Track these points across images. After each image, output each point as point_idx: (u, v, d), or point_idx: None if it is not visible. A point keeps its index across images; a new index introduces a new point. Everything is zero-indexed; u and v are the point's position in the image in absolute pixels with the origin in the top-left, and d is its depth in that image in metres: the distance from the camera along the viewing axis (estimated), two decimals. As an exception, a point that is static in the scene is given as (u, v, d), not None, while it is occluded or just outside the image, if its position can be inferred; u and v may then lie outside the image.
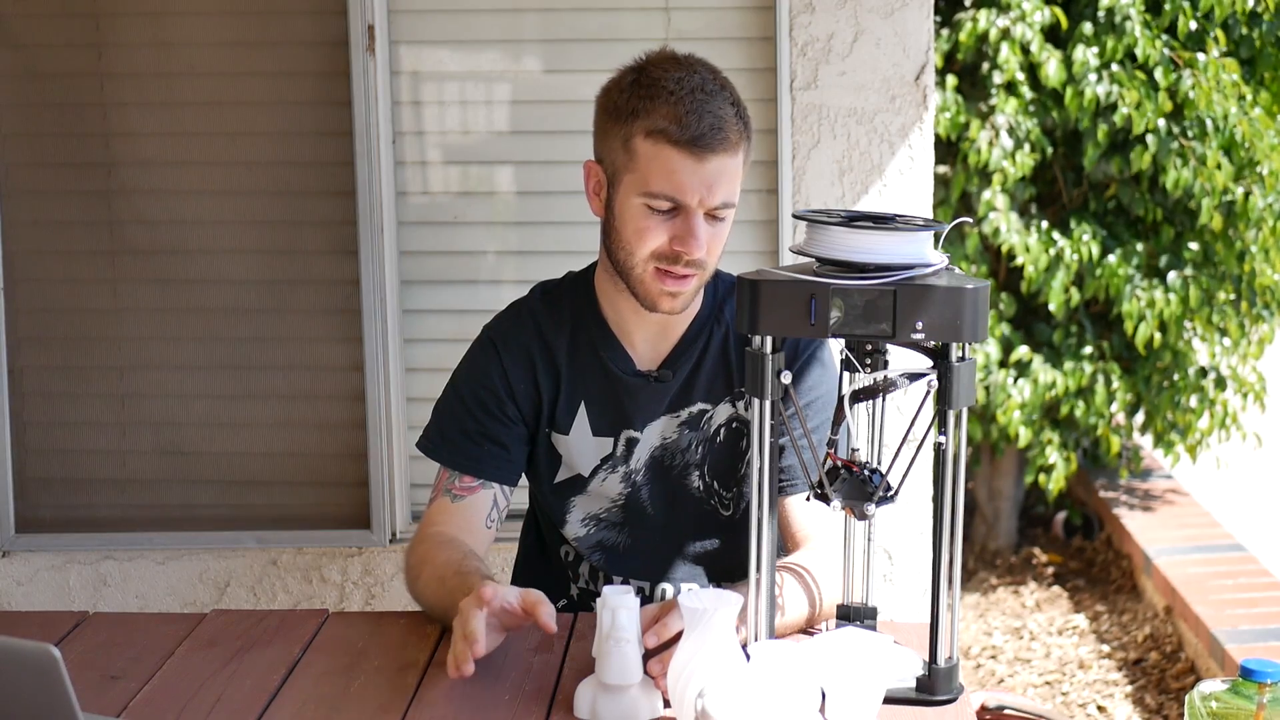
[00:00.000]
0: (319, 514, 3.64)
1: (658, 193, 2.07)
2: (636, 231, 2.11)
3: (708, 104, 2.06)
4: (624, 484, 2.27)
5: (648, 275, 2.13)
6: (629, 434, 2.25)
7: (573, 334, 2.26)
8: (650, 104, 2.07)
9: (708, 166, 2.06)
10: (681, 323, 2.25)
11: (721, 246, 2.15)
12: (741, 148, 2.10)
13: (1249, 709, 1.68)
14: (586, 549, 2.32)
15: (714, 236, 2.11)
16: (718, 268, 2.29)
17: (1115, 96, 4.27)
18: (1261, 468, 5.86)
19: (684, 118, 2.05)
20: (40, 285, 3.61)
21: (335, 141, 3.52)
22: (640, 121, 2.08)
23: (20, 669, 1.47)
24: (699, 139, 2.05)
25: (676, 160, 2.06)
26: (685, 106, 2.05)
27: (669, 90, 2.07)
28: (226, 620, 2.17)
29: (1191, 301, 4.43)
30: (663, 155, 2.06)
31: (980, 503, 5.15)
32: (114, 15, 3.53)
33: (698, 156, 2.05)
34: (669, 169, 2.06)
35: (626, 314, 2.23)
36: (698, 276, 2.14)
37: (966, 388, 1.82)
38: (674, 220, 2.09)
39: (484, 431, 2.24)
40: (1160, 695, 3.97)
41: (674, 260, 2.10)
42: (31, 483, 3.65)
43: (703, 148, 2.05)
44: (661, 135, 2.06)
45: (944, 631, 1.85)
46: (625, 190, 2.11)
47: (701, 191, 2.07)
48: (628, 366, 2.24)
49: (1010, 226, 4.36)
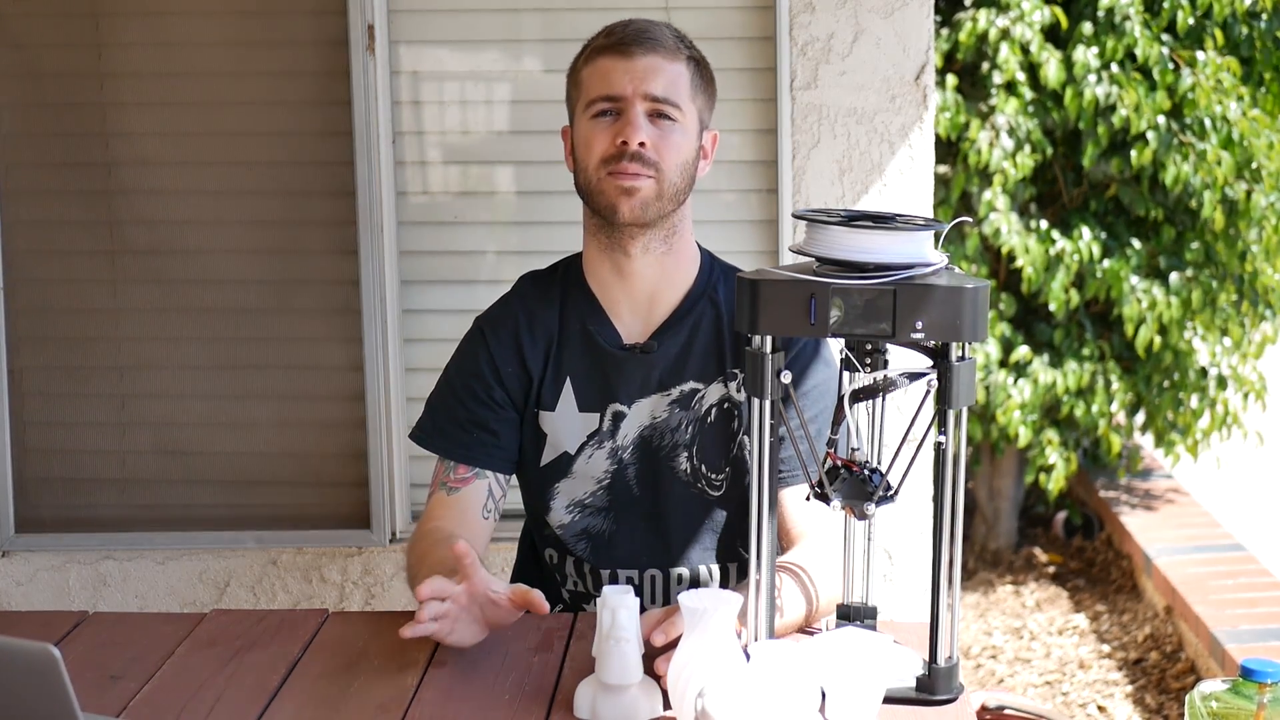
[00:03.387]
0: (319, 514, 3.64)
1: (596, 97, 2.20)
2: (586, 145, 2.22)
3: (639, 23, 2.23)
4: (610, 460, 2.28)
5: (603, 183, 2.21)
6: (615, 408, 2.27)
7: (562, 309, 2.30)
8: (593, 42, 2.25)
9: (637, 62, 2.19)
10: (670, 295, 2.28)
11: (678, 156, 2.22)
12: (681, 60, 2.22)
13: (1249, 709, 1.68)
14: (571, 538, 2.32)
15: (660, 137, 2.20)
16: (712, 253, 2.31)
17: (1115, 98, 4.27)
18: (1262, 467, 5.86)
19: (613, 30, 2.23)
20: (40, 285, 3.61)
21: (335, 141, 3.52)
22: (584, 56, 2.25)
23: (20, 669, 1.47)
24: (624, 40, 2.21)
25: (608, 64, 2.20)
26: (619, 26, 2.23)
27: (609, 29, 2.24)
28: (226, 620, 2.17)
29: (1193, 303, 4.42)
30: (598, 66, 2.21)
31: (980, 503, 5.15)
32: (114, 15, 3.53)
33: (625, 54, 2.19)
34: (603, 72, 2.20)
35: (612, 284, 2.27)
36: (652, 180, 2.20)
37: (966, 387, 1.82)
38: (617, 121, 2.19)
39: (473, 419, 2.28)
40: (1160, 695, 3.97)
41: (619, 157, 2.18)
42: (31, 483, 3.65)
43: (629, 44, 2.20)
44: (596, 51, 2.23)
45: (944, 631, 1.85)
46: (578, 120, 2.24)
47: (634, 82, 2.18)
48: (614, 340, 2.28)
49: (1010, 227, 4.36)
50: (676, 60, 2.21)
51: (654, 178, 2.19)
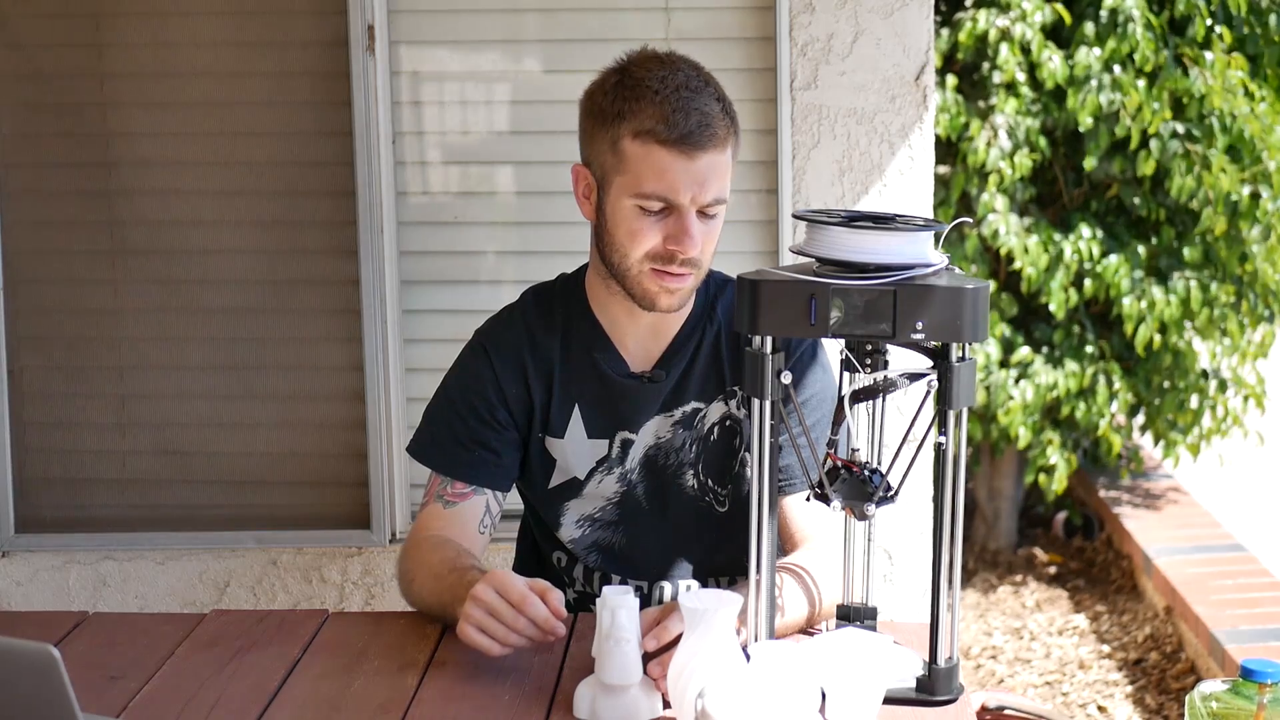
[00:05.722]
0: (319, 514, 3.64)
1: (650, 194, 2.07)
2: (630, 234, 2.10)
3: (693, 101, 2.06)
4: (619, 484, 2.27)
5: (644, 276, 2.12)
6: (624, 435, 2.25)
7: (565, 336, 2.25)
8: (636, 105, 2.07)
9: (698, 164, 2.06)
10: (674, 323, 2.25)
11: (715, 243, 2.15)
12: (730, 143, 2.10)
13: (1249, 709, 1.68)
14: (582, 550, 2.31)
15: (707, 234, 2.11)
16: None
17: (1118, 105, 4.26)
18: (1262, 468, 5.86)
19: (670, 116, 2.05)
20: (40, 285, 3.61)
21: (335, 141, 3.52)
22: (627, 123, 2.07)
23: (20, 669, 1.47)
24: (687, 137, 2.04)
25: (666, 160, 2.05)
26: (671, 105, 2.05)
27: (653, 90, 2.07)
28: (226, 620, 2.17)
29: (1193, 304, 4.42)
30: (652, 156, 2.06)
31: (980, 503, 5.15)
32: (114, 15, 3.53)
33: (687, 154, 2.05)
34: (659, 169, 2.06)
35: (618, 316, 2.23)
36: (694, 275, 2.13)
37: (967, 388, 1.81)
38: (667, 220, 2.09)
39: (475, 437, 2.23)
40: (1160, 695, 3.97)
41: (669, 260, 2.10)
42: (31, 483, 3.65)
43: (692, 145, 2.05)
44: (649, 135, 2.06)
45: (944, 631, 1.85)
46: (616, 193, 2.10)
47: (693, 189, 2.06)
48: (621, 368, 2.24)
49: (1009, 229, 4.35)
50: (727, 148, 2.09)
51: (695, 273, 2.14)
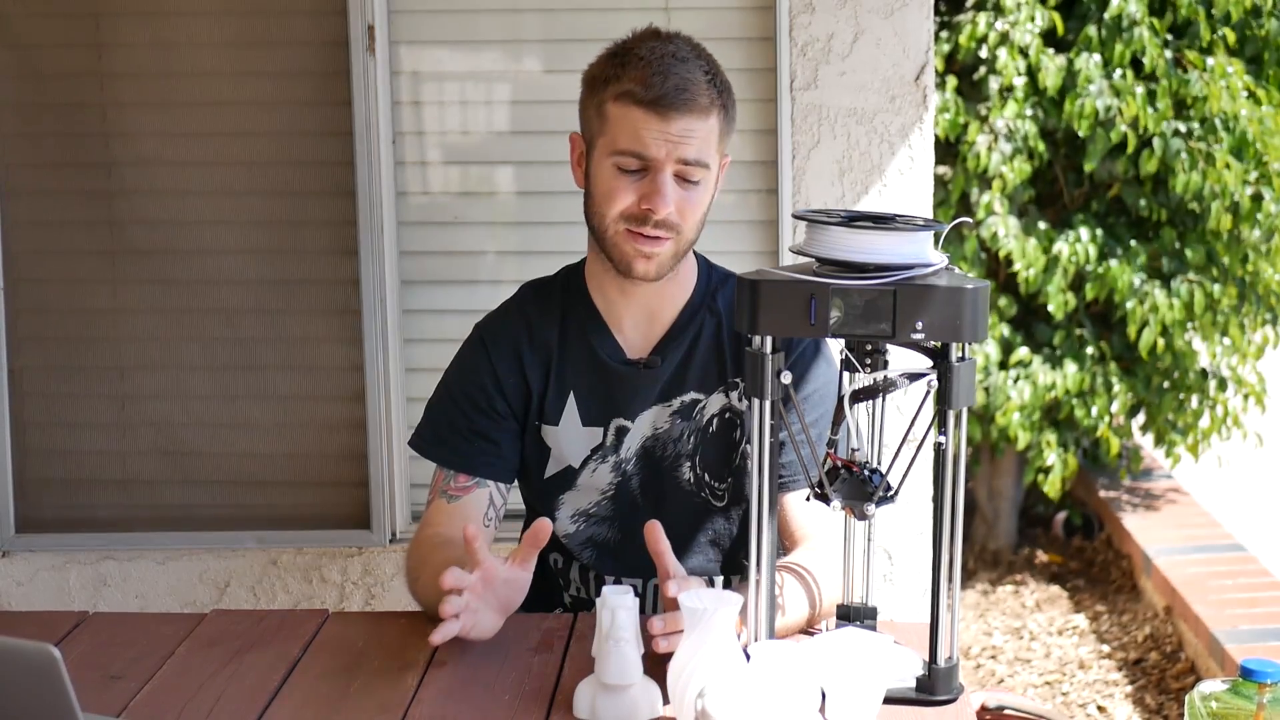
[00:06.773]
0: (319, 514, 3.64)
1: (624, 150, 2.13)
2: (606, 192, 2.16)
3: (676, 68, 2.12)
4: (614, 473, 2.27)
5: (620, 237, 2.16)
6: (619, 423, 2.26)
7: (563, 323, 2.28)
8: (622, 70, 2.14)
9: (672, 125, 2.11)
10: (671, 309, 2.26)
11: (698, 214, 2.18)
12: (714, 113, 2.14)
13: (1249, 709, 1.68)
14: (577, 546, 2.32)
15: (685, 200, 2.14)
16: (708, 258, 2.31)
17: (1114, 112, 4.25)
18: (1262, 468, 5.86)
19: (650, 79, 2.11)
20: (40, 285, 3.61)
21: (335, 141, 3.52)
22: (612, 87, 2.15)
23: (20, 669, 1.47)
24: (663, 98, 2.10)
25: (641, 119, 2.11)
26: (653, 69, 2.11)
27: (641, 57, 2.14)
28: (226, 620, 2.17)
29: (1195, 307, 4.41)
30: (629, 115, 2.12)
31: (980, 503, 5.15)
32: (114, 15, 3.53)
33: (661, 115, 2.11)
34: (634, 128, 2.12)
35: (615, 299, 2.26)
36: (671, 241, 2.16)
37: (966, 388, 1.82)
38: (643, 180, 2.14)
39: (475, 428, 2.26)
40: (1160, 695, 3.97)
41: (643, 221, 2.14)
42: (31, 483, 3.65)
43: (667, 106, 2.10)
44: (628, 96, 2.12)
45: (944, 631, 1.85)
46: (599, 154, 2.17)
47: (667, 147, 2.11)
48: (617, 354, 2.26)
49: (1008, 231, 4.35)
50: (709, 116, 2.13)
51: (673, 239, 2.16)
